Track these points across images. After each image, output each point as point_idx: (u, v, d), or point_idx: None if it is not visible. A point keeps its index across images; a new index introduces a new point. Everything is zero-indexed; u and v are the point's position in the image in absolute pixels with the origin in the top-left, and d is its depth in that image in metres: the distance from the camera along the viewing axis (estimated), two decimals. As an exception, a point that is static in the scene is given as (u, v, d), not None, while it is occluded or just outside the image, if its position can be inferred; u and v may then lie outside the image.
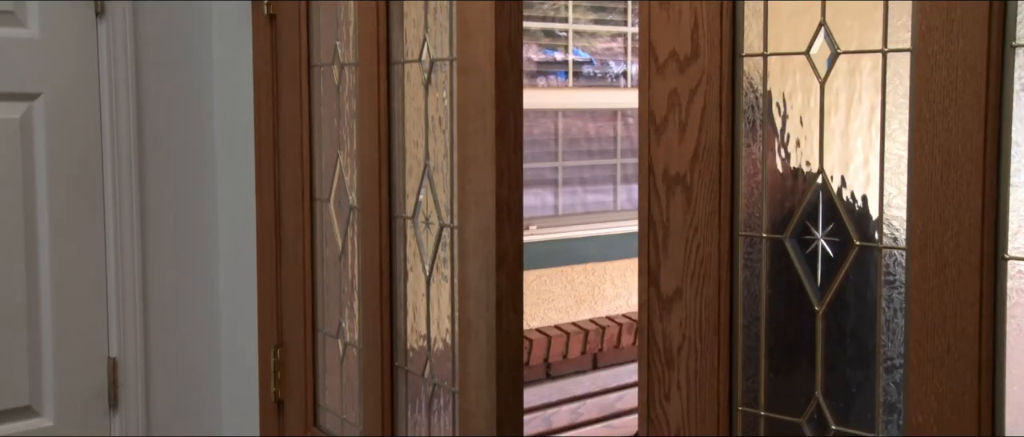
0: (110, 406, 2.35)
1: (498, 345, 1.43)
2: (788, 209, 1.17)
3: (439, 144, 1.68)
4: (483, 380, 1.46)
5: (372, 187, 1.83)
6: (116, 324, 2.32)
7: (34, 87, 2.22)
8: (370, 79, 1.82)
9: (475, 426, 1.51)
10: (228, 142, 2.40)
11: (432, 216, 1.71)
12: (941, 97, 0.99)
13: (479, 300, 1.47)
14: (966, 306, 1.00)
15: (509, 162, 1.39)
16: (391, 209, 1.82)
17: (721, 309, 1.22)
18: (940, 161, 1.00)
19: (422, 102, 1.72)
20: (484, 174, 1.43)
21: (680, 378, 1.27)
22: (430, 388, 1.76)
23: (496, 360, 1.43)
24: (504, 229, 1.41)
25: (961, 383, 1.00)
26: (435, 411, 1.75)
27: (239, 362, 2.39)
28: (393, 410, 1.85)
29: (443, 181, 1.67)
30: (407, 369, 1.82)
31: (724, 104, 1.20)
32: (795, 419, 1.19)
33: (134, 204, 2.32)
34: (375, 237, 1.83)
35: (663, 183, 1.26)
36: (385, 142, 1.81)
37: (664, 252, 1.27)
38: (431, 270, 1.72)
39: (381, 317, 1.83)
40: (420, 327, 1.77)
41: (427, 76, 1.70)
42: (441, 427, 1.74)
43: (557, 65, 5.24)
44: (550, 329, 4.61)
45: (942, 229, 1.00)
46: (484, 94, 1.41)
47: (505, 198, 1.40)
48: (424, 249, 1.74)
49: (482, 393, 1.46)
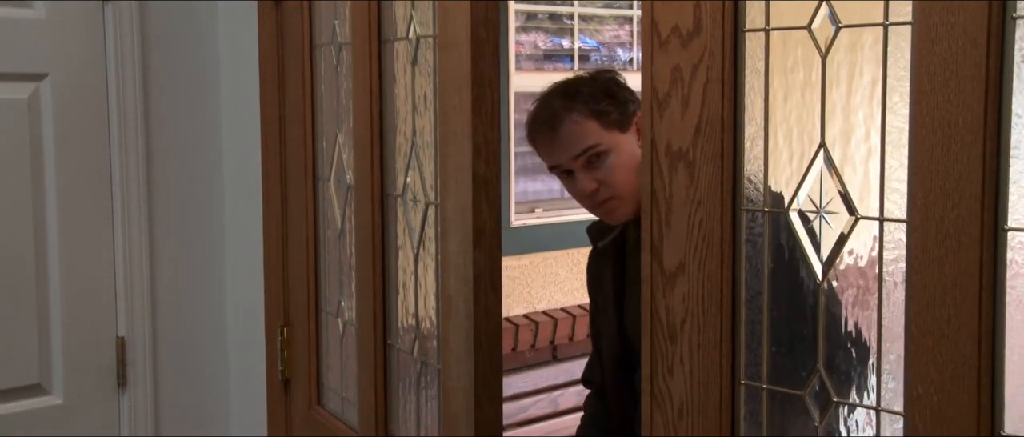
0: (119, 384, 2.38)
1: (476, 321, 1.43)
2: (790, 183, 1.18)
3: (425, 122, 1.68)
4: (462, 356, 1.47)
5: (365, 166, 1.84)
6: (124, 303, 2.34)
7: (41, 68, 2.24)
8: (363, 58, 1.83)
9: (455, 402, 1.52)
10: (234, 122, 2.41)
11: (419, 194, 1.72)
12: (942, 69, 1.00)
13: (459, 276, 1.48)
14: (966, 277, 1.00)
15: (486, 138, 1.40)
16: (383, 188, 1.83)
17: (723, 283, 1.23)
18: (941, 133, 1.00)
19: (409, 80, 1.73)
20: (462, 150, 1.44)
21: (683, 352, 1.28)
22: (418, 366, 1.77)
23: (475, 337, 1.44)
24: (481, 205, 1.42)
25: (961, 353, 1.01)
26: (423, 388, 1.76)
27: (246, 341, 2.41)
28: (387, 388, 1.86)
29: (428, 159, 1.68)
30: (398, 347, 1.83)
31: (726, 79, 1.20)
32: (798, 392, 1.20)
33: (141, 184, 2.33)
34: (368, 216, 1.84)
35: (665, 158, 1.27)
36: (377, 121, 1.81)
37: (667, 227, 1.28)
38: (418, 248, 1.73)
39: (374, 296, 1.84)
40: (409, 305, 1.78)
41: (413, 54, 1.71)
42: (428, 405, 1.75)
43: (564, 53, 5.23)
44: (556, 311, 4.63)
45: (943, 201, 1.01)
46: (461, 70, 1.42)
47: (482, 174, 1.40)
48: (412, 227, 1.75)
49: (461, 369, 1.47)
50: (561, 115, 1.80)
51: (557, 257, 4.63)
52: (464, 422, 1.49)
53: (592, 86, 1.83)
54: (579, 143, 1.79)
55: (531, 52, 5.06)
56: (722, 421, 1.25)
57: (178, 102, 2.39)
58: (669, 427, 1.30)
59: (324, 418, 2.11)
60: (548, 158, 1.84)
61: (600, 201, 1.82)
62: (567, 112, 1.80)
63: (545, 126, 1.82)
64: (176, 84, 2.39)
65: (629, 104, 1.82)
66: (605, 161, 1.79)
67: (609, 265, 1.94)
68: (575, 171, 1.81)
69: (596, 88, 1.82)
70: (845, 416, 1.16)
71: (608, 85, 1.84)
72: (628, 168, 1.78)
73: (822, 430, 1.18)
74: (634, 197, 1.80)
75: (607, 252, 1.95)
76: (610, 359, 1.95)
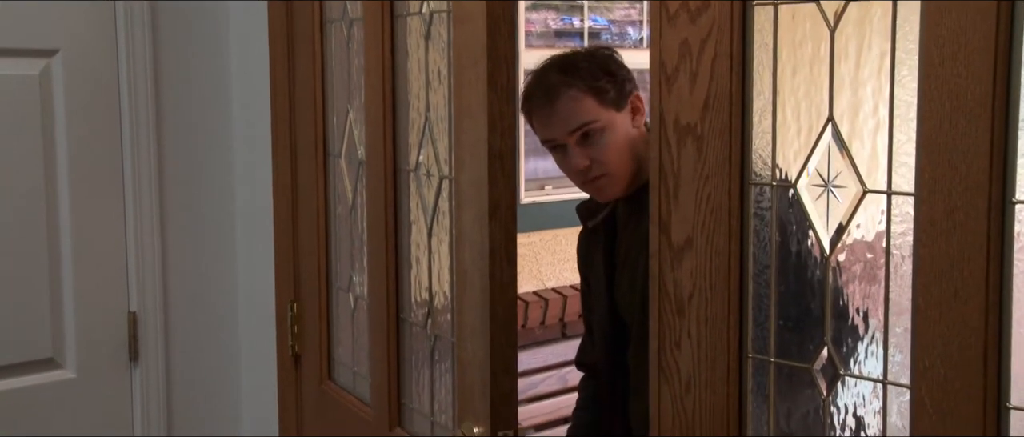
0: (131, 359, 2.40)
1: (492, 294, 1.44)
2: (798, 157, 1.18)
3: (439, 96, 1.69)
4: (478, 329, 1.48)
5: (377, 141, 1.85)
6: (136, 278, 2.36)
7: (52, 43, 2.25)
8: (375, 34, 1.83)
9: (471, 375, 1.53)
10: (245, 98, 2.41)
11: (432, 168, 1.72)
12: (950, 42, 1.00)
13: (474, 250, 1.48)
14: (974, 250, 1.00)
15: (501, 112, 1.40)
16: (396, 162, 1.83)
17: (731, 257, 1.24)
18: (949, 106, 1.00)
19: (423, 55, 1.73)
20: (477, 124, 1.44)
21: (690, 326, 1.29)
22: (432, 340, 1.78)
23: (490, 309, 1.44)
24: (497, 178, 1.42)
25: (968, 326, 1.01)
26: (436, 362, 1.77)
27: (257, 316, 2.42)
28: (399, 362, 1.87)
29: (442, 133, 1.68)
30: (411, 321, 1.84)
31: (735, 54, 1.20)
32: (805, 365, 1.20)
33: (152, 159, 2.35)
34: (380, 191, 1.85)
35: (674, 133, 1.27)
36: (390, 96, 1.81)
37: (675, 202, 1.28)
38: (432, 222, 1.74)
39: (387, 270, 1.85)
40: (423, 279, 1.79)
41: (427, 28, 1.71)
42: (441, 378, 1.76)
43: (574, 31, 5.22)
44: (565, 289, 4.63)
45: (951, 174, 1.01)
46: (476, 44, 1.42)
47: (498, 148, 1.40)
48: (425, 201, 1.75)
49: (477, 343, 1.48)
50: (559, 89, 1.80)
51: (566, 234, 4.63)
52: (479, 394, 1.50)
53: (591, 62, 1.83)
54: (575, 119, 1.78)
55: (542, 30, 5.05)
56: (729, 394, 1.25)
57: (189, 78, 2.40)
58: (676, 400, 1.31)
59: (336, 392, 2.13)
60: (542, 131, 1.84)
61: (591, 178, 1.82)
62: (565, 87, 1.79)
63: (542, 99, 1.81)
64: (186, 60, 2.39)
65: (626, 83, 1.82)
66: (600, 139, 1.79)
67: (600, 244, 1.95)
68: (569, 146, 1.81)
69: (594, 65, 1.82)
70: (852, 389, 1.17)
71: (606, 62, 1.83)
72: (621, 147, 1.78)
73: (829, 403, 1.19)
74: (625, 176, 1.80)
75: (598, 231, 1.95)
76: (601, 337, 1.97)
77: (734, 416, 1.26)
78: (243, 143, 2.44)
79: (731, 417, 1.26)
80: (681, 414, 1.31)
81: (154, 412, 2.41)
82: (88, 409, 2.36)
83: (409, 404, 1.87)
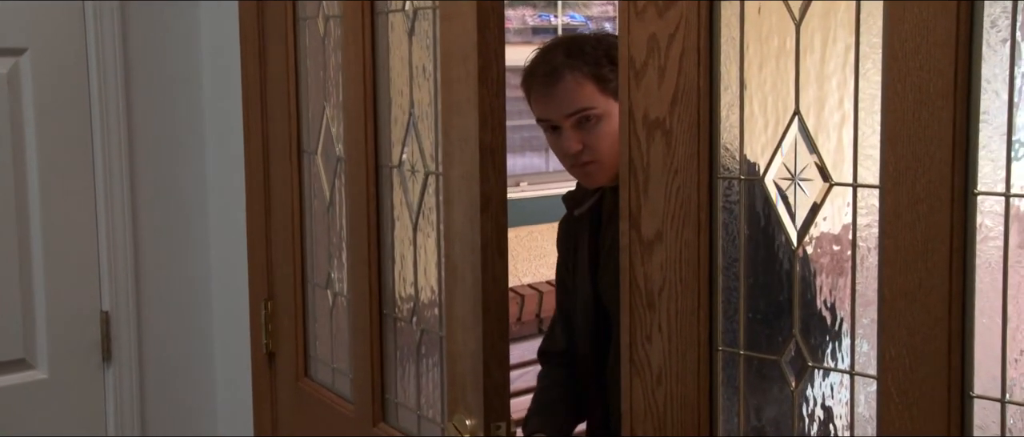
0: (103, 359, 2.38)
1: (484, 288, 1.45)
2: (765, 151, 1.19)
3: (424, 92, 1.69)
4: (470, 323, 1.48)
5: (358, 137, 1.84)
6: (108, 278, 2.35)
7: (20, 42, 2.23)
8: (354, 30, 1.83)
9: (462, 369, 1.53)
10: (216, 96, 2.40)
11: (417, 164, 1.72)
12: (913, 35, 1.01)
13: (465, 244, 1.49)
14: (937, 241, 1.02)
15: (492, 106, 1.40)
16: (377, 159, 1.83)
17: (701, 251, 1.24)
18: (912, 99, 1.01)
19: (406, 51, 1.73)
20: (467, 120, 1.44)
21: (661, 320, 1.29)
22: (418, 334, 1.78)
23: (483, 303, 1.45)
24: (488, 173, 1.43)
25: (932, 316, 1.03)
26: (423, 356, 1.77)
27: (230, 315, 2.42)
28: (383, 357, 1.88)
29: (428, 129, 1.68)
30: (395, 316, 1.84)
31: (702, 48, 1.21)
32: (774, 358, 1.21)
33: (123, 158, 2.33)
34: (362, 187, 1.85)
35: (643, 128, 1.28)
36: (371, 92, 1.82)
37: (645, 196, 1.29)
38: (417, 218, 1.74)
39: (369, 266, 1.85)
40: (408, 274, 1.79)
41: (411, 25, 1.71)
42: (429, 372, 1.76)
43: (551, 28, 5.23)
44: (542, 285, 4.64)
45: (914, 166, 1.02)
46: (466, 40, 1.42)
47: (488, 142, 1.41)
48: (410, 197, 1.75)
49: (469, 335, 1.48)
50: (562, 71, 1.79)
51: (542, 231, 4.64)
52: (471, 387, 1.50)
53: (597, 48, 1.82)
54: (575, 103, 1.78)
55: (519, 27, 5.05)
56: (700, 387, 1.26)
57: (159, 77, 2.39)
58: (648, 393, 1.32)
59: (313, 390, 2.12)
60: (539, 110, 1.83)
61: (581, 163, 1.82)
62: (569, 70, 1.79)
63: (544, 79, 1.81)
64: (157, 59, 2.38)
65: None
66: (596, 126, 1.79)
67: (585, 233, 1.95)
68: (563, 128, 1.81)
69: (600, 51, 1.81)
70: (820, 380, 1.18)
71: (611, 50, 1.82)
72: (615, 136, 1.79)
73: (798, 395, 1.20)
74: (615, 165, 1.81)
75: (583, 220, 1.96)
76: (584, 327, 1.97)
77: (705, 409, 1.27)
78: (215, 141, 2.43)
79: (702, 410, 1.27)
80: (653, 407, 1.31)
81: (127, 412, 2.40)
82: (61, 410, 2.34)
83: (393, 399, 1.87)
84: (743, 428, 1.25)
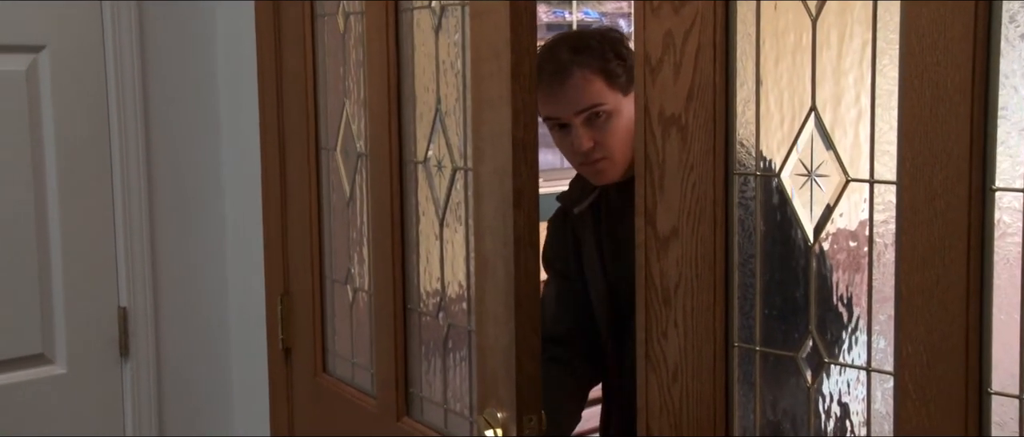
0: (121, 354, 2.40)
1: (516, 282, 1.44)
2: (781, 147, 1.19)
3: (451, 88, 1.68)
4: (502, 317, 1.48)
5: (382, 134, 1.84)
6: (125, 273, 2.36)
7: (39, 39, 2.24)
8: (378, 27, 1.82)
9: (493, 361, 1.53)
10: (233, 92, 2.41)
11: (445, 159, 1.72)
12: (931, 31, 1.00)
13: (496, 239, 1.48)
14: (955, 238, 1.01)
15: (524, 102, 1.40)
16: (401, 155, 1.83)
17: (717, 247, 1.24)
18: (929, 95, 1.01)
19: (433, 47, 1.73)
20: (500, 115, 1.44)
21: (677, 316, 1.29)
22: (445, 328, 1.78)
23: (515, 297, 1.45)
24: (520, 168, 1.42)
25: (949, 312, 1.02)
26: (450, 350, 1.77)
27: (247, 310, 2.43)
28: (406, 352, 1.88)
29: (456, 125, 1.67)
30: (420, 311, 1.84)
31: (718, 44, 1.21)
32: (790, 354, 1.21)
33: (140, 154, 2.35)
34: (386, 183, 1.84)
35: (659, 124, 1.27)
36: (395, 89, 1.81)
37: (660, 192, 1.29)
38: (444, 213, 1.74)
39: (393, 262, 1.85)
40: (433, 269, 1.79)
41: (437, 22, 1.70)
42: (457, 366, 1.76)
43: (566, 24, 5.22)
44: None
45: (932, 162, 1.02)
46: (499, 37, 1.42)
47: (521, 138, 1.41)
48: (437, 193, 1.75)
49: (500, 330, 1.48)
50: (570, 68, 1.77)
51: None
52: (504, 380, 1.50)
53: (602, 43, 1.81)
54: (585, 100, 1.77)
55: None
56: (716, 383, 1.26)
57: (176, 74, 2.40)
58: (664, 390, 1.32)
59: (333, 385, 2.13)
60: (547, 108, 1.81)
61: (593, 160, 1.81)
62: (578, 67, 1.77)
63: (552, 76, 1.78)
64: (174, 54, 2.39)
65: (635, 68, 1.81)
66: (607, 122, 1.77)
67: (589, 229, 1.93)
68: (573, 126, 1.79)
69: (606, 46, 1.80)
70: (837, 377, 1.17)
71: (617, 46, 1.81)
72: (626, 131, 1.77)
73: (814, 391, 1.19)
74: (625, 161, 1.80)
75: (585, 217, 1.93)
76: (606, 323, 1.95)
77: (721, 405, 1.27)
78: (231, 138, 2.44)
79: (718, 406, 1.27)
80: (668, 403, 1.32)
81: (145, 407, 2.41)
82: (79, 404, 2.36)
83: (418, 394, 1.87)
84: (759, 424, 1.25)
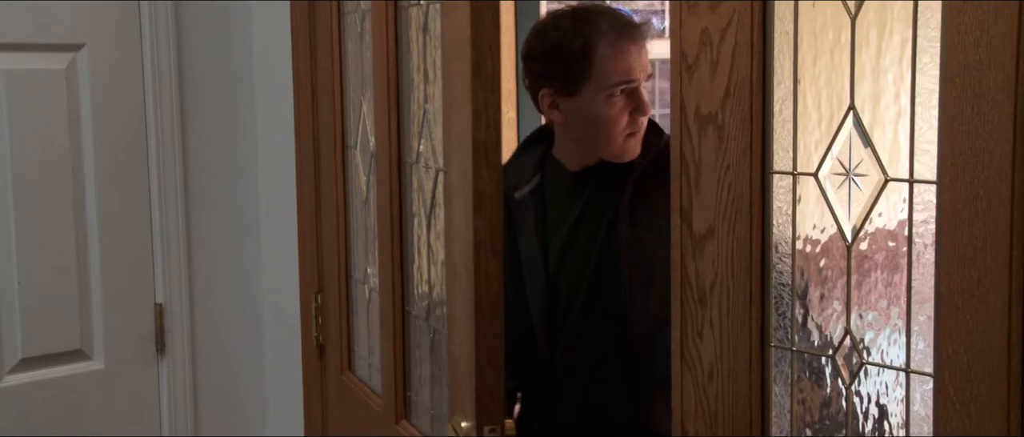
0: (157, 350, 2.42)
1: (476, 288, 1.41)
2: (819, 146, 1.18)
3: (435, 88, 1.67)
4: (465, 323, 1.46)
5: (384, 132, 1.84)
6: (161, 270, 2.38)
7: (78, 38, 2.27)
8: (380, 24, 1.82)
9: (458, 368, 1.51)
10: (268, 90, 2.43)
11: (430, 161, 1.71)
12: (973, 29, 0.99)
13: (462, 242, 1.46)
14: (997, 238, 1.00)
15: (486, 102, 1.38)
16: (400, 154, 1.82)
17: (753, 246, 1.23)
18: (971, 93, 1.00)
19: (421, 46, 1.72)
20: (462, 116, 1.42)
21: (713, 316, 1.29)
22: (431, 332, 1.77)
23: (475, 302, 1.41)
24: (481, 171, 1.38)
25: (991, 313, 1.01)
26: (436, 354, 1.76)
27: (281, 307, 2.44)
28: (405, 354, 1.87)
29: (438, 125, 1.66)
30: (415, 314, 1.83)
31: (755, 42, 1.20)
32: (827, 355, 1.20)
33: (177, 151, 2.36)
34: (387, 183, 1.84)
35: (695, 122, 1.27)
36: (394, 87, 1.81)
37: (696, 191, 1.28)
38: (430, 215, 1.73)
39: (393, 263, 1.84)
40: (424, 272, 1.78)
41: (424, 20, 1.70)
42: (441, 371, 1.73)
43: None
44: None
45: (973, 161, 1.00)
46: (461, 35, 1.40)
47: (482, 139, 1.38)
48: (425, 194, 1.75)
49: (464, 336, 1.45)
50: (641, 28, 1.74)
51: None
52: (466, 387, 1.47)
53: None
54: (647, 62, 1.75)
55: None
56: (752, 383, 1.25)
57: (212, 72, 2.41)
58: (699, 389, 1.31)
59: (354, 384, 2.14)
60: (621, 67, 1.72)
61: (638, 129, 1.77)
62: (643, 27, 1.75)
63: (629, 31, 1.73)
64: (210, 53, 2.41)
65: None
66: None
67: (529, 216, 1.86)
68: (639, 87, 1.74)
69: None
70: (875, 378, 1.16)
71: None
72: None
73: (851, 392, 1.18)
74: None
75: (525, 202, 1.86)
76: (542, 321, 1.86)
77: (756, 405, 1.26)
78: (266, 135, 2.45)
79: (754, 406, 1.26)
80: (704, 403, 1.31)
81: (181, 402, 2.43)
82: (116, 400, 2.39)
83: (414, 397, 1.87)
84: (795, 425, 1.24)
